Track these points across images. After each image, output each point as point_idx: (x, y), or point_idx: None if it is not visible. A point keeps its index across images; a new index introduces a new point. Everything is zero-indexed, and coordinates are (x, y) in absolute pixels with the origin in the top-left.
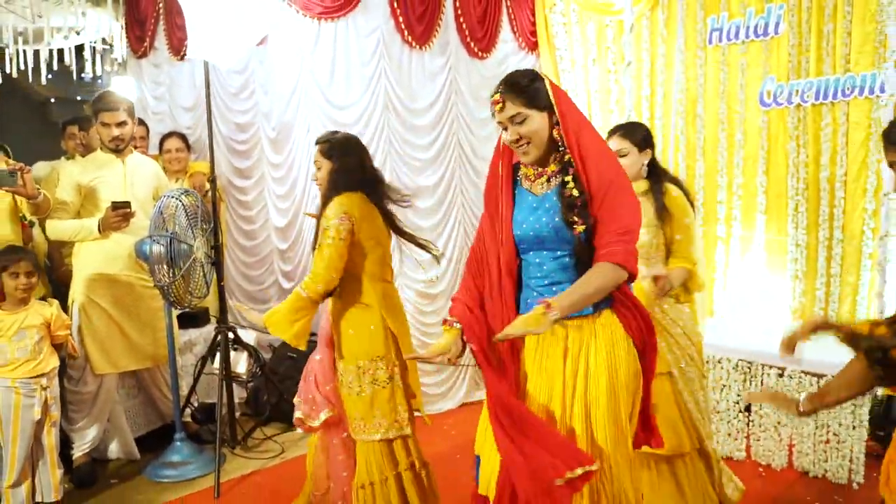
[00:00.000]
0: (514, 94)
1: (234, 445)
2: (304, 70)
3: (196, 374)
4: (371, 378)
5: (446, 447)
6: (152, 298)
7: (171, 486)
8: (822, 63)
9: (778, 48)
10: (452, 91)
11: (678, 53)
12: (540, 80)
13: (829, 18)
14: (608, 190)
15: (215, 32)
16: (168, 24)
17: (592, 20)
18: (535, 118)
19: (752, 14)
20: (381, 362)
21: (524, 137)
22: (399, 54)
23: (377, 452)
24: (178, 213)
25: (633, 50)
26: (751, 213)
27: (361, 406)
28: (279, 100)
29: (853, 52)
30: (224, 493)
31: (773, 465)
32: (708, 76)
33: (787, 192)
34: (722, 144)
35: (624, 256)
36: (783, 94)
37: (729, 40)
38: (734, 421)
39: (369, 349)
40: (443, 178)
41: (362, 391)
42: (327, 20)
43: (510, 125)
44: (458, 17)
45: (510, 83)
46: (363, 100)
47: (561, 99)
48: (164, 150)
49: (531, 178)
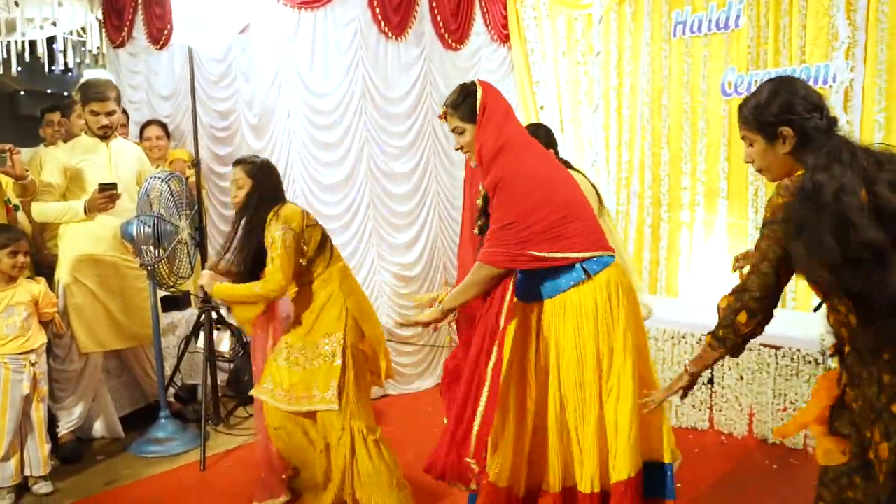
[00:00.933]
0: (453, 109)
1: (217, 423)
2: (285, 58)
3: (180, 354)
4: (317, 353)
5: (424, 425)
6: (137, 279)
7: (156, 460)
8: (780, 55)
9: (738, 41)
10: (427, 81)
11: (644, 46)
12: (472, 95)
13: (786, 12)
14: (495, 190)
15: (200, 19)
16: (147, 13)
17: (562, 14)
18: (469, 131)
19: (714, 8)
20: (331, 338)
21: (462, 146)
22: (376, 44)
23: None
24: (164, 195)
25: (601, 42)
26: (713, 198)
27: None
28: (261, 87)
29: (808, 44)
30: (209, 466)
31: (735, 433)
32: (672, 67)
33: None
34: (686, 133)
35: (484, 257)
36: (743, 85)
37: (692, 33)
38: (698, 393)
39: (324, 326)
40: (418, 164)
41: (308, 364)
42: (307, 10)
43: (454, 135)
44: (433, 9)
45: (450, 100)
46: (341, 88)
47: (486, 109)
48: (145, 137)
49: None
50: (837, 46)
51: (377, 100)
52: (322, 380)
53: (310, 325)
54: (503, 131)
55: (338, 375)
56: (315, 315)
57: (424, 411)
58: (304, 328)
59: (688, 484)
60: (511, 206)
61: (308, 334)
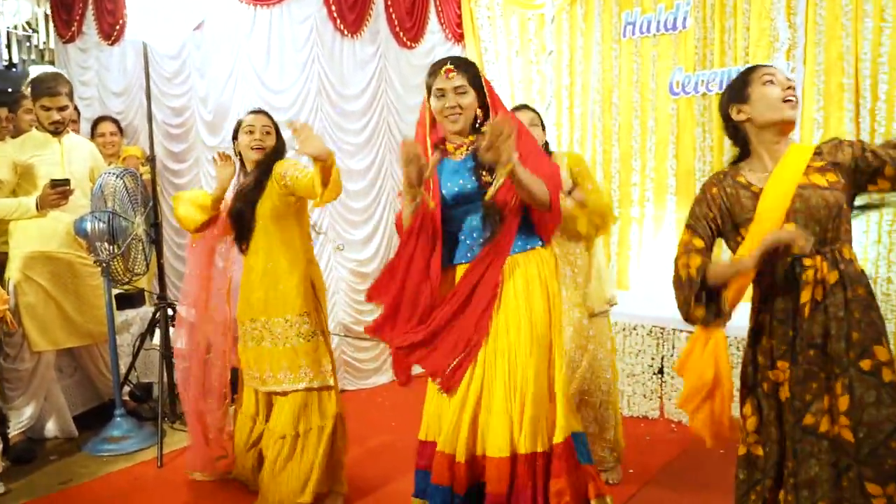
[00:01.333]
0: (463, 69)
1: (173, 420)
2: (241, 55)
3: (135, 351)
4: (297, 331)
5: (380, 419)
6: (90, 276)
7: (112, 459)
8: (725, 55)
9: (685, 41)
10: (383, 79)
11: (595, 46)
12: (476, 67)
13: (731, 14)
14: (528, 155)
15: (155, 15)
16: (98, 8)
17: (515, 13)
18: (471, 94)
19: (663, 9)
20: (307, 318)
21: (459, 107)
22: (331, 42)
23: (299, 403)
24: (119, 191)
25: (553, 42)
26: (662, 194)
27: (287, 357)
28: (216, 83)
29: (751, 45)
30: (167, 463)
31: (684, 421)
32: (622, 67)
33: (694, 174)
34: (636, 131)
35: (552, 187)
36: (690, 84)
37: (641, 33)
38: (649, 383)
39: (301, 303)
40: (374, 162)
41: (288, 343)
42: (263, 6)
43: (453, 94)
44: (388, 7)
45: (461, 60)
46: (297, 85)
47: (489, 86)
48: (98, 134)
49: (452, 151)
50: (778, 47)
51: (333, 97)
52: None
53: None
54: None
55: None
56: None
57: (382, 406)
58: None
59: (640, 469)
60: (553, 166)
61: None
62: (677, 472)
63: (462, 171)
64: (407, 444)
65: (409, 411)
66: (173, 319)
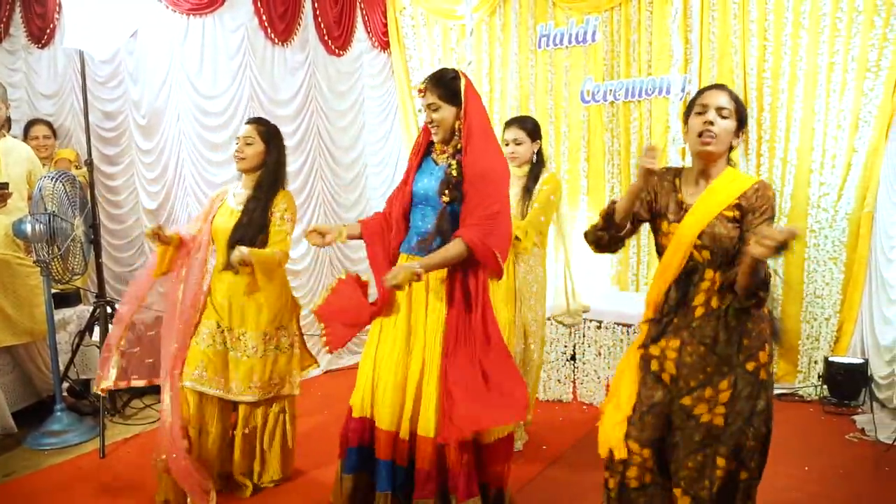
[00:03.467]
0: (434, 86)
1: (113, 414)
2: (175, 61)
3: (74, 348)
4: (275, 344)
5: (314, 407)
6: (29, 276)
7: (54, 452)
8: (630, 67)
9: (595, 53)
10: (312, 85)
11: (513, 55)
12: (458, 80)
13: (635, 30)
14: (482, 178)
15: (91, 23)
16: (26, 11)
17: (438, 23)
18: (446, 109)
19: (574, 24)
20: (284, 331)
21: (434, 122)
22: (263, 49)
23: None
24: (59, 194)
25: (473, 51)
26: (575, 194)
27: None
28: (150, 89)
29: (653, 58)
30: (109, 453)
31: (595, 403)
32: (538, 76)
33: (604, 176)
34: (550, 136)
35: (479, 238)
36: (600, 93)
37: (555, 45)
38: (562, 369)
39: (279, 318)
40: (304, 164)
41: (266, 355)
42: (196, 16)
43: (427, 110)
44: (317, 16)
45: (435, 78)
46: (230, 91)
47: (471, 99)
48: (31, 136)
49: (437, 152)
50: (675, 62)
51: (265, 102)
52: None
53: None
54: (486, 119)
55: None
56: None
57: (315, 395)
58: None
59: (553, 447)
60: (501, 200)
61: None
62: (587, 448)
63: (434, 175)
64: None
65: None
66: (111, 317)
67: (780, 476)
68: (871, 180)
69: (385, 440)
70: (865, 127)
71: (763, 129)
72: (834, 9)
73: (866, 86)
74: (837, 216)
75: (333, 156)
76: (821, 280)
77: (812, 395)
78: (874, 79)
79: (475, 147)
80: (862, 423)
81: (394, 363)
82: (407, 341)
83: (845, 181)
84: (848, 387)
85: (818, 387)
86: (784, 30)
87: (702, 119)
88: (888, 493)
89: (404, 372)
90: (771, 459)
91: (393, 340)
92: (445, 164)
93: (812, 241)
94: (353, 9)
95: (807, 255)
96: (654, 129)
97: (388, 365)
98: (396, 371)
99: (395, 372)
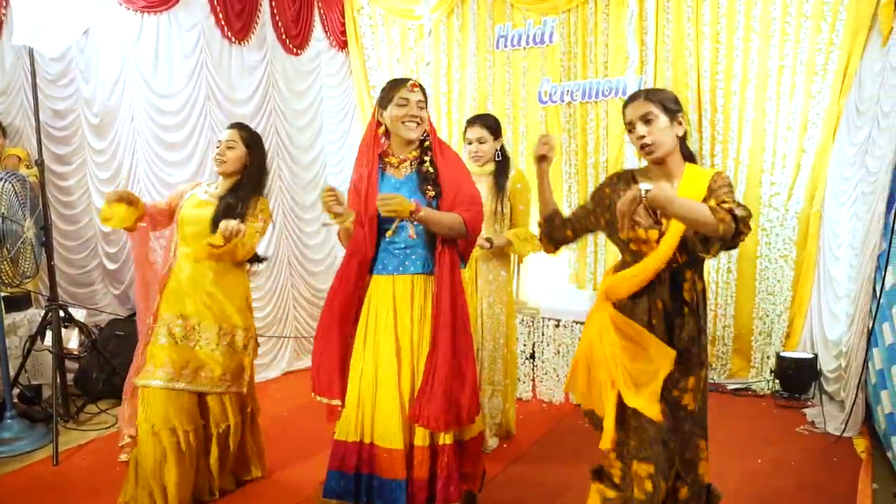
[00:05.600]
0: (422, 89)
1: (67, 419)
2: (129, 60)
3: (25, 353)
4: (228, 340)
5: (274, 409)
6: None
7: (5, 460)
8: (587, 68)
9: (552, 55)
10: (270, 84)
11: (471, 56)
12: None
13: (591, 32)
14: (457, 169)
15: (41, 20)
16: None
17: (396, 24)
18: (426, 112)
19: (531, 25)
20: (240, 329)
21: (419, 118)
22: (219, 48)
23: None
24: (8, 194)
25: (432, 51)
26: (533, 193)
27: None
28: (102, 87)
29: (610, 60)
30: (63, 461)
31: (554, 400)
32: (496, 76)
33: (562, 176)
34: (509, 135)
35: (471, 218)
36: (557, 94)
37: (513, 46)
38: (522, 367)
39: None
40: None
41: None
42: (150, 13)
43: (415, 106)
44: (274, 15)
45: (420, 86)
46: (186, 90)
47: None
48: None
49: (394, 165)
50: (631, 63)
51: (222, 102)
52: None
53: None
54: None
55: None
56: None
57: (273, 398)
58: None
59: (514, 444)
60: (472, 184)
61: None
62: (548, 444)
63: (404, 187)
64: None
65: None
66: (65, 321)
67: (733, 469)
68: (819, 180)
69: (398, 458)
70: (814, 128)
71: (716, 130)
72: (783, 13)
73: (814, 88)
74: (788, 215)
75: (292, 155)
76: (772, 277)
77: (765, 390)
78: (821, 82)
79: (438, 143)
80: (812, 415)
81: (387, 381)
82: (397, 356)
83: (795, 181)
84: (799, 381)
85: (770, 381)
86: (736, 33)
87: (633, 136)
88: (836, 482)
89: (398, 387)
90: (725, 452)
91: (386, 357)
92: (411, 172)
93: (764, 239)
94: (310, 8)
95: (759, 252)
96: (610, 130)
97: (383, 384)
98: (391, 388)
99: (389, 390)
